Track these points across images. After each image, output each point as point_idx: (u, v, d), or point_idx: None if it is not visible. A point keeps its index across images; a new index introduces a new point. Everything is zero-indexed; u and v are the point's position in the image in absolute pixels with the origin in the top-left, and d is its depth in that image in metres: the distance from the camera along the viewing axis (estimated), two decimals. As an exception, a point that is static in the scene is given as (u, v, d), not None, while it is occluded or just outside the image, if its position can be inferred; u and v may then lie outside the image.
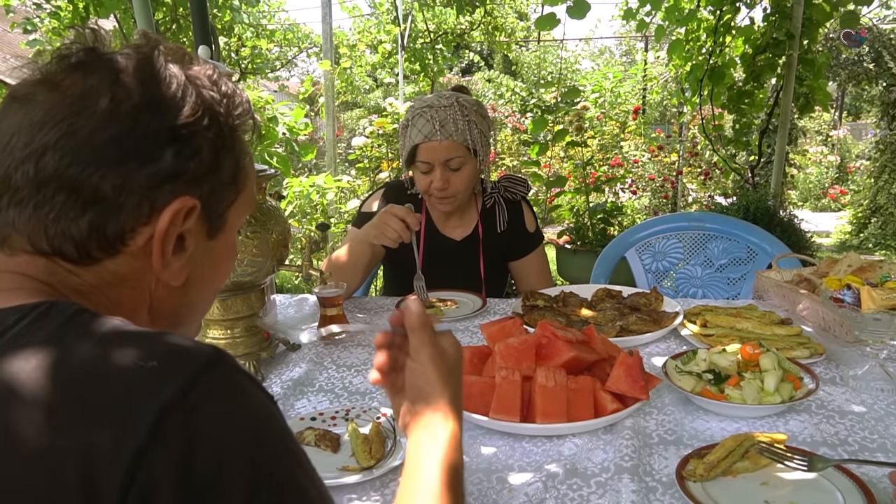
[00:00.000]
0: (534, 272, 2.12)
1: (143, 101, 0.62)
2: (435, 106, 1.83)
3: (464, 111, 1.84)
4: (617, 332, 1.53)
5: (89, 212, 0.61)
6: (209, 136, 0.66)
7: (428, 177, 1.89)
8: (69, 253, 0.62)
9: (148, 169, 0.62)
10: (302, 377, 1.45)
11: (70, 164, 0.60)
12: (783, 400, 1.16)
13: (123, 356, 0.53)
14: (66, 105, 0.60)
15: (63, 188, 0.60)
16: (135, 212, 0.63)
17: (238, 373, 0.57)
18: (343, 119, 15.39)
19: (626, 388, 1.15)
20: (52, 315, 0.57)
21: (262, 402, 0.57)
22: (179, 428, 0.50)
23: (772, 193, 4.44)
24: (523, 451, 1.11)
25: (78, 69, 0.62)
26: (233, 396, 0.55)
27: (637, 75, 9.59)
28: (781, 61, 4.46)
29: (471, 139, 1.85)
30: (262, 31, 9.96)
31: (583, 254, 4.51)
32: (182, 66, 0.67)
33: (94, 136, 0.60)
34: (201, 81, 0.67)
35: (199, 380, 0.53)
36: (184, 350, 0.56)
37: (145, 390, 0.51)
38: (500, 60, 17.76)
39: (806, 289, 1.65)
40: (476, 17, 9.62)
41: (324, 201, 4.84)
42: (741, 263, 2.35)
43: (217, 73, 0.69)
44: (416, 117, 1.84)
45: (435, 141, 1.82)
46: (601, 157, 6.47)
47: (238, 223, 0.77)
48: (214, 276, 0.77)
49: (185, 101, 0.64)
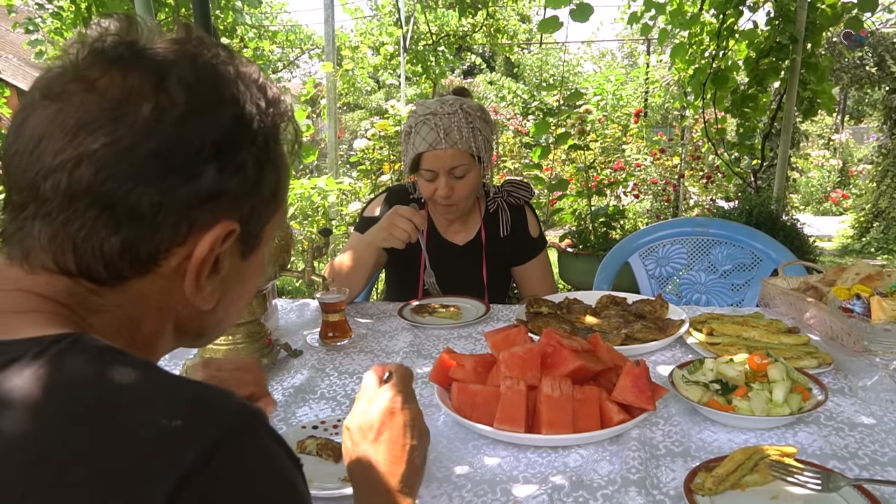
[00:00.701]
0: (537, 277, 2.10)
1: (189, 108, 0.57)
2: (439, 113, 1.81)
3: (468, 118, 1.83)
4: (622, 340, 1.51)
5: (123, 230, 0.56)
6: (254, 150, 0.61)
7: (432, 184, 1.87)
8: (97, 273, 0.58)
9: (189, 187, 0.57)
10: (303, 384, 1.44)
11: (107, 179, 0.55)
12: (792, 411, 1.15)
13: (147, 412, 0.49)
14: (105, 110, 0.55)
15: (97, 203, 0.55)
16: (171, 232, 0.58)
17: (265, 434, 0.54)
18: (345, 121, 15.39)
19: (632, 398, 1.13)
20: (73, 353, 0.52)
21: (284, 470, 0.54)
22: (198, 497, 0.47)
23: (774, 198, 4.43)
24: (528, 463, 1.09)
25: (116, 66, 0.57)
26: (256, 464, 0.51)
27: (639, 78, 9.58)
28: (785, 65, 4.45)
29: (475, 146, 1.84)
30: (265, 32, 9.96)
31: (585, 257, 4.49)
32: (230, 66, 0.61)
33: (135, 149, 0.55)
34: (249, 87, 0.62)
35: (224, 445, 0.49)
36: (211, 407, 0.52)
37: (167, 456, 0.47)
38: (501, 63, 17.75)
39: (813, 297, 1.64)
40: (478, 19, 9.61)
41: (325, 204, 4.82)
42: (745, 269, 2.33)
43: (262, 77, 0.64)
44: (419, 124, 1.82)
45: (440, 149, 1.80)
46: (603, 161, 6.46)
47: (270, 239, 0.73)
48: (243, 294, 0.73)
49: (231, 110, 0.59)
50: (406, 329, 1.76)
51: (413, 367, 1.50)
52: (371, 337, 1.72)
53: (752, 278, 2.29)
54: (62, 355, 0.52)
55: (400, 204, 2.01)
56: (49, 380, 0.49)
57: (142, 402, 0.50)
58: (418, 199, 2.05)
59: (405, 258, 1.95)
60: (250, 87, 0.62)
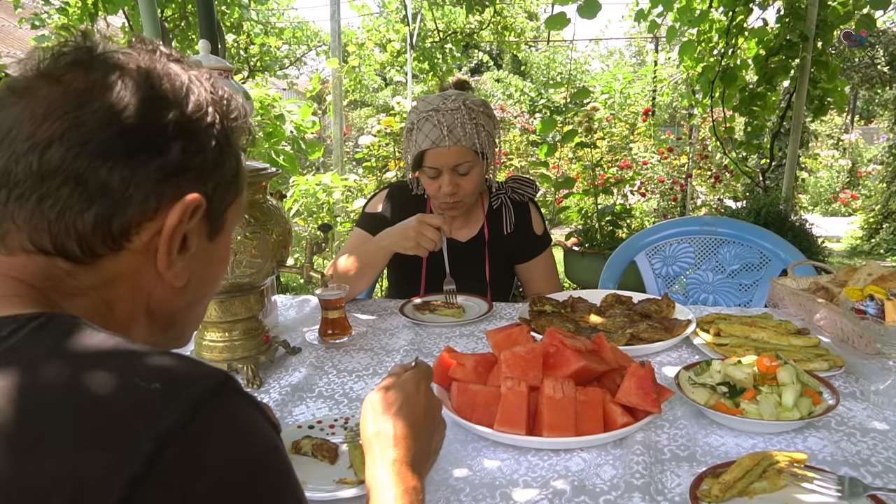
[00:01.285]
0: (541, 275, 2.07)
1: (149, 96, 0.62)
2: (441, 109, 1.77)
3: (471, 114, 1.79)
4: (627, 340, 1.47)
5: (95, 205, 0.59)
6: (213, 132, 0.66)
7: (436, 181, 1.85)
8: (71, 250, 0.61)
9: (157, 161, 0.61)
10: (301, 382, 1.41)
11: (77, 156, 0.58)
12: (802, 416, 1.11)
13: (124, 376, 0.51)
14: (71, 99, 0.59)
15: (69, 180, 0.58)
16: (142, 206, 0.62)
17: (244, 400, 0.55)
18: (352, 118, 15.36)
19: (637, 400, 1.10)
20: (49, 328, 0.54)
21: (265, 434, 0.55)
22: (179, 458, 0.47)
23: (783, 197, 4.38)
24: (529, 466, 1.06)
25: (78, 66, 0.61)
26: (236, 427, 0.52)
27: (647, 77, 9.52)
28: (795, 63, 4.39)
29: (478, 143, 1.81)
30: (272, 28, 9.93)
31: (591, 256, 4.46)
32: (182, 66, 0.67)
33: (102, 130, 0.59)
34: (201, 82, 0.67)
35: (204, 407, 0.50)
36: (189, 372, 0.53)
37: (146, 416, 0.48)
38: (509, 60, 17.70)
39: (823, 297, 1.60)
40: (486, 16, 9.56)
41: (330, 200, 4.80)
42: (753, 269, 2.29)
43: (213, 78, 0.70)
44: (421, 121, 1.79)
45: (443, 147, 1.77)
46: (610, 159, 6.41)
47: (234, 226, 0.77)
48: (211, 279, 0.77)
49: (189, 98, 0.64)
50: (407, 327, 1.73)
51: (413, 366, 1.48)
52: (371, 335, 1.69)
53: (760, 278, 2.25)
54: (38, 330, 0.54)
55: (402, 200, 2.01)
56: (25, 351, 0.52)
57: (119, 369, 0.51)
58: (420, 195, 2.02)
59: (407, 261, 1.92)
60: (202, 81, 0.67)
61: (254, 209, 1.38)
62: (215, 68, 1.34)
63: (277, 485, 0.53)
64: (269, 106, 4.99)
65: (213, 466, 0.49)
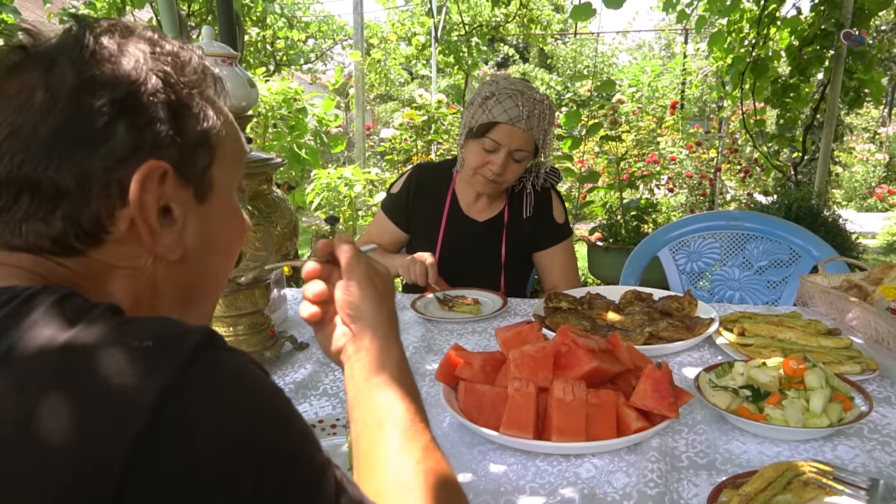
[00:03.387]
0: (559, 267, 2.01)
1: (79, 81, 0.58)
2: (526, 94, 1.79)
3: (549, 112, 1.83)
4: (645, 339, 1.41)
5: (59, 207, 0.58)
6: (161, 99, 0.61)
7: (489, 156, 1.83)
8: (52, 250, 0.60)
9: (102, 149, 0.58)
10: (306, 379, 1.37)
11: (22, 163, 0.57)
12: (831, 423, 1.04)
13: (116, 337, 0.50)
14: (6, 108, 0.59)
15: (23, 188, 0.58)
16: (104, 197, 0.59)
17: (231, 351, 0.54)
18: (377, 112, 15.36)
19: (652, 404, 1.04)
20: (43, 296, 0.54)
21: (261, 378, 0.54)
22: (180, 409, 0.47)
23: (815, 192, 4.24)
24: (536, 471, 1.01)
25: (13, 72, 0.60)
26: (232, 374, 0.52)
27: (675, 69, 9.33)
28: (829, 54, 4.25)
29: (542, 140, 1.85)
30: (297, 22, 9.94)
31: (615, 251, 4.37)
32: (115, 36, 0.62)
33: (38, 130, 0.57)
34: (140, 46, 0.62)
35: (197, 358, 0.50)
36: (178, 329, 0.53)
37: (142, 371, 0.48)
38: (535, 54, 17.53)
39: (856, 296, 1.51)
40: (511, 9, 9.46)
41: (351, 193, 4.77)
42: (782, 266, 2.20)
43: (158, 35, 0.65)
44: (503, 95, 1.78)
45: (518, 127, 1.77)
46: (637, 153, 6.29)
47: (231, 182, 0.72)
48: (218, 243, 0.72)
49: (124, 71, 0.60)
50: (418, 323, 1.68)
51: (422, 364, 1.43)
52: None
53: (789, 275, 2.16)
54: (33, 297, 0.53)
55: (424, 180, 2.06)
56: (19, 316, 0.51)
57: (112, 329, 0.51)
58: (448, 171, 2.04)
59: (422, 247, 1.90)
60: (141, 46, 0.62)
61: (258, 201, 1.35)
62: (218, 55, 1.30)
63: (280, 423, 0.53)
64: (291, 99, 4.98)
65: (215, 414, 0.48)
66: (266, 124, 4.93)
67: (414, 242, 2.08)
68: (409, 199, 2.04)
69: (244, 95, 1.33)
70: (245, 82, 1.34)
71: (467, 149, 1.87)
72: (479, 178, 1.88)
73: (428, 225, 2.00)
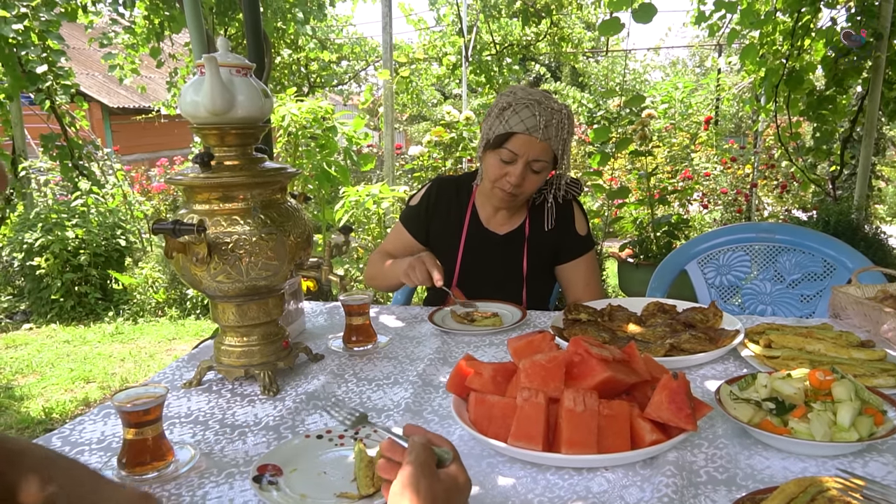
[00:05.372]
0: (581, 280, 1.96)
1: None
2: (544, 104, 1.76)
3: (568, 122, 1.80)
4: (666, 350, 1.36)
5: None
6: None
7: (507, 167, 1.80)
8: None
9: None
10: (318, 390, 1.35)
11: None
12: (861, 437, 0.98)
13: None
14: None
15: None
16: None
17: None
18: (410, 133, 15.47)
19: (668, 415, 0.99)
20: None
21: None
22: None
23: (855, 206, 4.11)
24: (546, 485, 0.97)
25: None
26: None
27: (709, 85, 9.21)
28: (867, 64, 4.14)
29: (561, 150, 1.81)
30: (331, 45, 10.09)
31: (645, 268, 4.29)
32: None
33: None
34: None
35: None
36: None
37: None
38: (568, 73, 17.50)
39: (893, 307, 1.44)
40: (542, 28, 9.47)
41: (380, 210, 4.79)
42: (816, 279, 2.12)
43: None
44: (520, 105, 1.75)
45: (535, 137, 1.74)
46: (670, 170, 6.19)
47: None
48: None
49: None
50: (435, 335, 1.66)
51: (437, 376, 1.40)
52: (398, 342, 1.62)
53: (824, 289, 2.08)
54: None
55: (444, 193, 2.04)
56: None
57: None
58: (468, 183, 2.03)
59: (442, 261, 1.88)
60: None
61: (271, 209, 1.34)
62: (232, 65, 1.31)
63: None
64: (322, 118, 5.04)
65: None
66: (297, 143, 4.99)
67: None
68: (429, 211, 2.02)
69: (258, 106, 1.33)
70: (259, 92, 1.34)
71: (485, 160, 1.85)
72: (498, 193, 1.85)
73: (448, 238, 1.98)
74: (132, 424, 1.04)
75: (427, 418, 1.21)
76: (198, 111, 1.28)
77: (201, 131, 1.33)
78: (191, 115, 1.30)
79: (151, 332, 4.82)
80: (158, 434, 1.07)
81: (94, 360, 4.29)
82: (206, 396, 1.35)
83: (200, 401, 1.33)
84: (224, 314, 1.39)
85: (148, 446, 1.05)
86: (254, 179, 1.32)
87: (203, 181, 1.29)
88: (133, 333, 4.81)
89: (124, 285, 5.30)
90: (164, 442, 1.07)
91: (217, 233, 1.29)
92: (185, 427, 1.22)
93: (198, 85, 1.28)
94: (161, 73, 8.81)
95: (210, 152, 1.30)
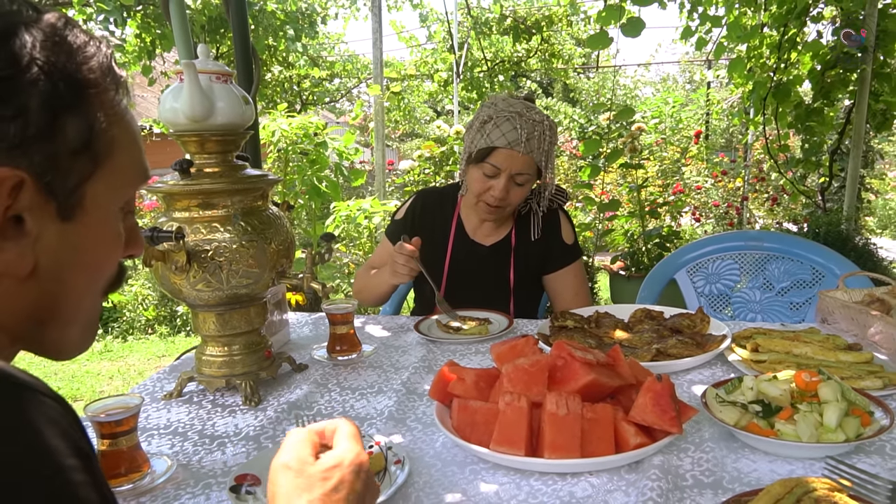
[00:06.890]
0: (570, 289, 1.95)
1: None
2: (525, 116, 1.73)
3: (549, 132, 1.77)
4: (652, 355, 1.34)
5: None
6: (38, 91, 0.52)
7: (490, 181, 1.78)
8: None
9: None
10: (300, 400, 1.33)
11: None
12: (848, 438, 0.96)
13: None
14: None
15: None
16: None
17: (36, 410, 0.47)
18: (402, 150, 15.52)
19: (653, 419, 0.97)
20: None
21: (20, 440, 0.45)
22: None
23: (844, 216, 4.12)
24: (530, 491, 0.95)
25: None
26: None
27: (699, 100, 9.28)
28: (854, 76, 4.17)
29: (544, 161, 1.78)
30: (323, 62, 10.15)
31: (637, 280, 4.28)
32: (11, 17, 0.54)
33: None
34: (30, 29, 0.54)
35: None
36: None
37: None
38: (559, 89, 17.61)
39: (879, 310, 1.43)
40: (533, 44, 9.54)
41: (371, 225, 4.78)
42: (805, 286, 2.11)
43: (65, 22, 0.56)
44: (500, 118, 1.73)
45: (517, 151, 1.72)
46: (661, 183, 6.21)
47: (111, 201, 0.62)
48: (83, 263, 0.62)
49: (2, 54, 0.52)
50: (420, 344, 1.64)
51: (421, 384, 1.38)
52: (383, 351, 1.60)
53: (813, 296, 2.07)
54: None
55: (428, 205, 2.02)
56: None
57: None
58: (453, 195, 2.00)
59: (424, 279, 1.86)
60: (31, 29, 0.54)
61: (252, 217, 1.33)
62: (212, 72, 1.30)
63: None
64: (312, 134, 5.04)
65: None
66: (287, 158, 4.99)
67: (418, 282, 2.04)
68: (415, 224, 1.99)
69: (238, 112, 1.32)
70: (240, 99, 1.33)
71: (469, 174, 1.83)
72: (483, 206, 1.83)
73: (434, 251, 1.95)
74: (105, 435, 1.02)
75: (410, 426, 1.19)
76: (177, 118, 1.27)
77: (181, 138, 1.32)
78: (170, 122, 1.29)
79: (141, 350, 4.78)
80: (133, 445, 1.04)
81: (83, 378, 4.24)
82: (186, 407, 1.33)
83: (181, 412, 1.31)
84: (205, 323, 1.37)
85: (123, 457, 1.03)
86: (234, 186, 1.30)
87: (182, 188, 1.27)
88: (122, 351, 4.77)
89: (114, 303, 5.27)
90: (139, 453, 1.05)
91: (197, 240, 1.27)
92: (163, 438, 1.19)
93: (177, 91, 1.27)
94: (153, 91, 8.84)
95: (189, 159, 1.28)
